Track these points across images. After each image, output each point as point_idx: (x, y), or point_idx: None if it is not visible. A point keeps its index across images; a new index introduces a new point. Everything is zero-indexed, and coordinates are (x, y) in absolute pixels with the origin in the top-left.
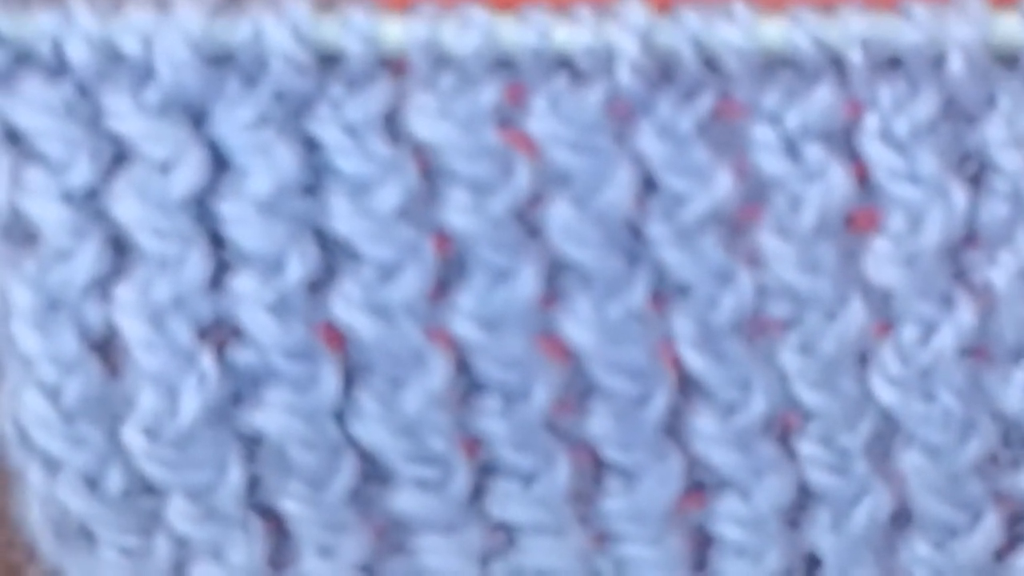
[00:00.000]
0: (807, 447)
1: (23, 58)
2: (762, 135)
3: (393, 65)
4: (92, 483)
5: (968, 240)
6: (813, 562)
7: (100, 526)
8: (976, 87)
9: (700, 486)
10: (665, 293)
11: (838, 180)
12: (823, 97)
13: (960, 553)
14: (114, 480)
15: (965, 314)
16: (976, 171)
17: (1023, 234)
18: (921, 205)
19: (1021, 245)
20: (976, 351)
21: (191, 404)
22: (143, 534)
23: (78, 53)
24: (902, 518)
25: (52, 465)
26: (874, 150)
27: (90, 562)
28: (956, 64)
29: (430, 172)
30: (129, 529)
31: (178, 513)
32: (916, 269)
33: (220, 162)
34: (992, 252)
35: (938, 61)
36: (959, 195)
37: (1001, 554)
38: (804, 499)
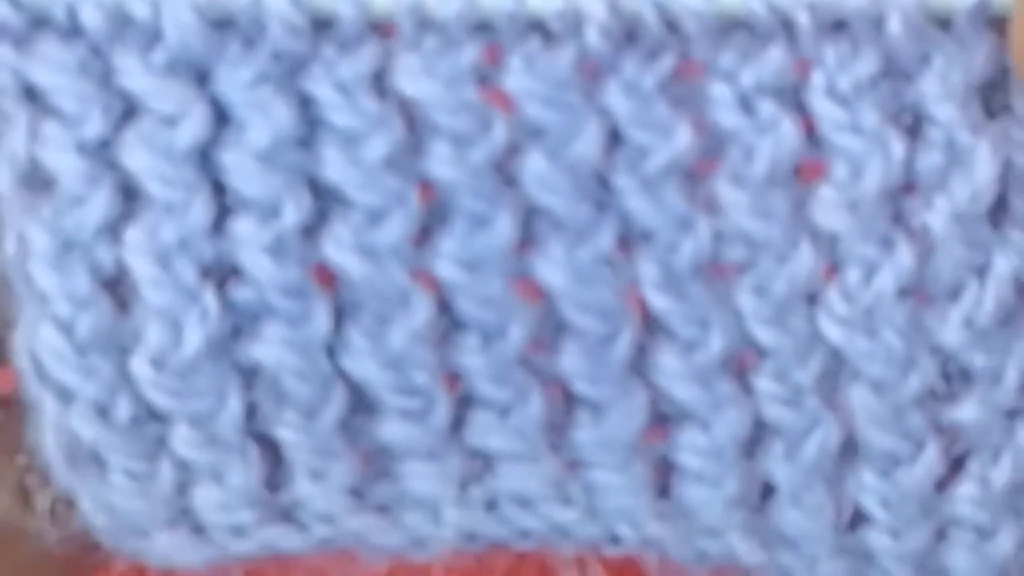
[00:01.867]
0: (762, 383)
1: (39, 21)
2: (719, 92)
3: (381, 28)
4: (102, 411)
5: (906, 187)
6: (768, 489)
7: (110, 451)
8: (913, 47)
9: (663, 419)
10: (630, 239)
11: (788, 133)
12: (774, 57)
13: (904, 481)
14: (123, 408)
15: (904, 256)
16: (913, 123)
17: (957, 180)
18: (863, 155)
19: (955, 191)
20: (915, 291)
21: (194, 337)
22: (149, 459)
23: (91, 17)
24: (850, 449)
25: (65, 395)
26: (820, 105)
27: (100, 486)
28: (895, 26)
29: (415, 126)
30: (136, 454)
31: (181, 439)
32: (859, 214)
33: (222, 117)
34: (928, 198)
35: (878, 24)
36: (898, 145)
37: (942, 484)
38: (760, 431)
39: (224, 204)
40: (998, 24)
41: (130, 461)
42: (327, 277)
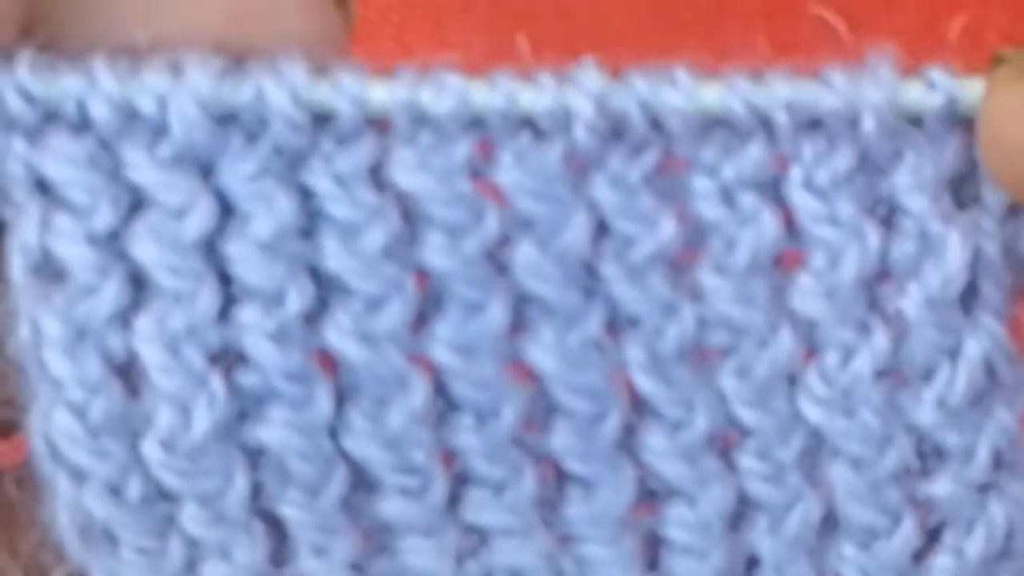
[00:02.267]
0: (746, 460)
1: (51, 116)
2: (701, 185)
3: (378, 124)
4: (115, 491)
5: (882, 275)
6: (753, 561)
7: (121, 529)
8: (886, 143)
9: (652, 495)
10: (618, 324)
11: (768, 224)
12: (754, 153)
13: (882, 554)
14: (134, 488)
15: (880, 340)
16: (887, 214)
17: (929, 268)
18: (840, 245)
19: (927, 278)
20: (891, 373)
21: (202, 421)
22: (159, 536)
23: (100, 111)
24: (830, 523)
25: (79, 475)
26: (799, 198)
27: (112, 562)
28: (869, 124)
29: (411, 217)
30: (147, 532)
31: (190, 517)
32: (836, 301)
33: (226, 209)
34: (902, 285)
35: (853, 121)
36: (873, 236)
37: (919, 556)
38: (744, 506)
39: (230, 293)
40: (966, 122)
41: (141, 538)
42: (328, 362)
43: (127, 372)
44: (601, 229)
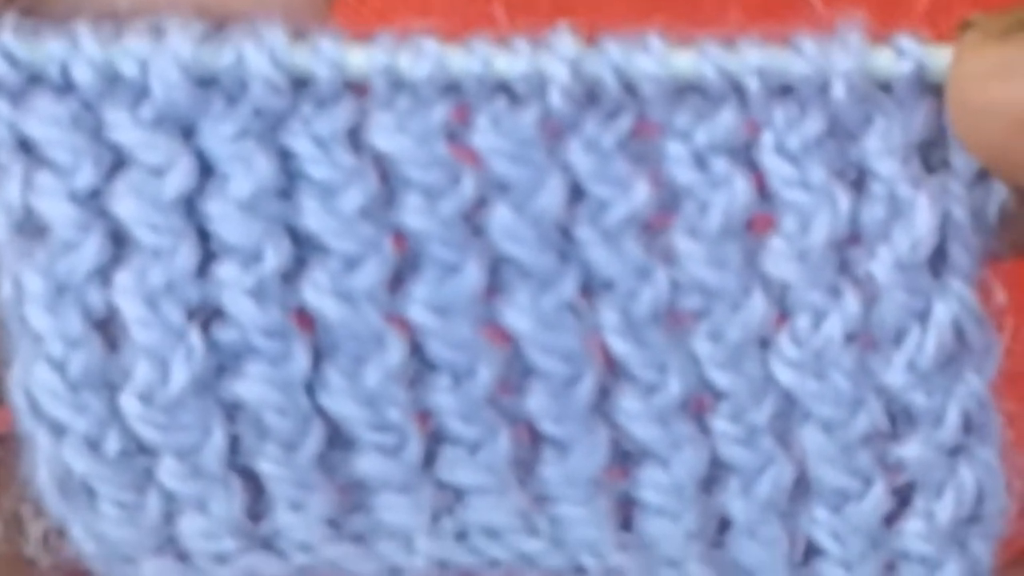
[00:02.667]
0: (719, 423)
1: (34, 78)
2: (674, 150)
3: (356, 88)
4: (93, 445)
5: (852, 238)
6: (725, 523)
7: (100, 483)
8: (856, 108)
9: (625, 457)
10: (592, 287)
11: (740, 188)
12: (726, 118)
13: (853, 517)
14: (112, 442)
15: (851, 303)
16: (857, 178)
17: (898, 231)
18: (811, 208)
19: (897, 241)
20: (861, 336)
21: (180, 375)
22: (137, 490)
23: (83, 74)
24: (802, 486)
25: (58, 430)
26: (770, 162)
27: (91, 515)
28: (839, 90)
29: (388, 179)
30: (125, 485)
31: (168, 471)
32: (807, 264)
33: (206, 168)
34: (872, 248)
35: (824, 87)
36: (843, 199)
37: (890, 519)
38: (717, 469)
39: (209, 250)
40: (934, 88)
41: (119, 492)
42: (306, 320)
43: (107, 327)
44: (576, 193)
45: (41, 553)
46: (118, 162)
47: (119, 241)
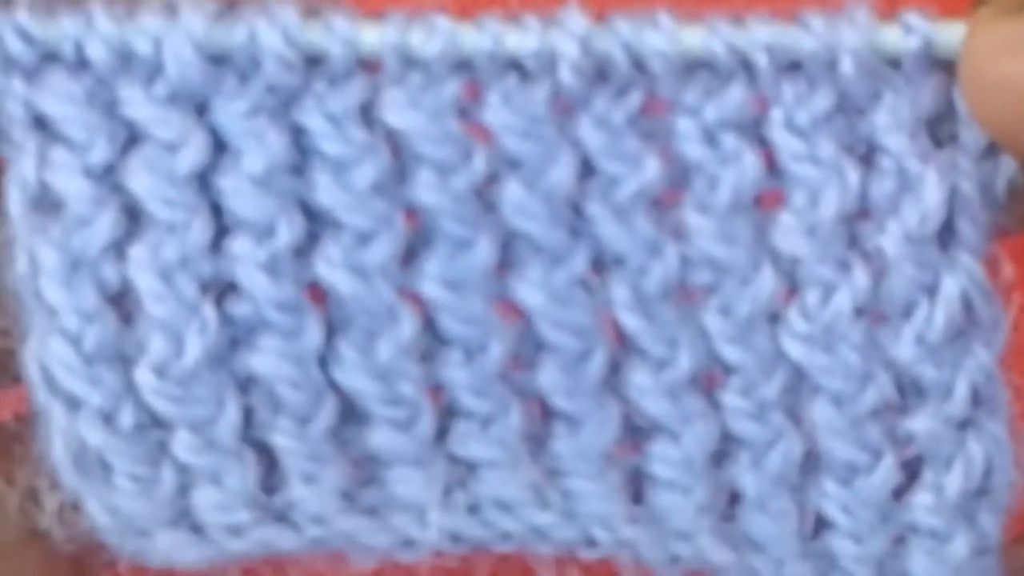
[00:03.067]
0: (729, 398)
1: (49, 56)
2: (684, 126)
3: (368, 65)
4: (108, 418)
5: (861, 213)
6: (736, 496)
7: (115, 457)
8: (864, 84)
9: (637, 431)
10: (603, 263)
11: (750, 164)
12: (735, 94)
13: (863, 490)
14: (127, 416)
15: (860, 277)
16: (866, 153)
17: (907, 205)
18: (820, 183)
19: (906, 215)
20: (871, 310)
21: (194, 348)
22: (152, 463)
23: (97, 52)
24: (812, 459)
25: (73, 403)
26: (780, 138)
27: (105, 489)
28: (847, 66)
29: (400, 155)
30: (140, 459)
31: (182, 444)
32: (817, 239)
33: (220, 145)
34: (881, 222)
35: (832, 63)
36: (852, 174)
37: (899, 492)
38: (727, 443)
39: (222, 225)
40: (942, 64)
41: (134, 465)
42: (319, 294)
43: (121, 301)
44: (587, 169)
45: (56, 526)
46: (132, 138)
47: (133, 216)
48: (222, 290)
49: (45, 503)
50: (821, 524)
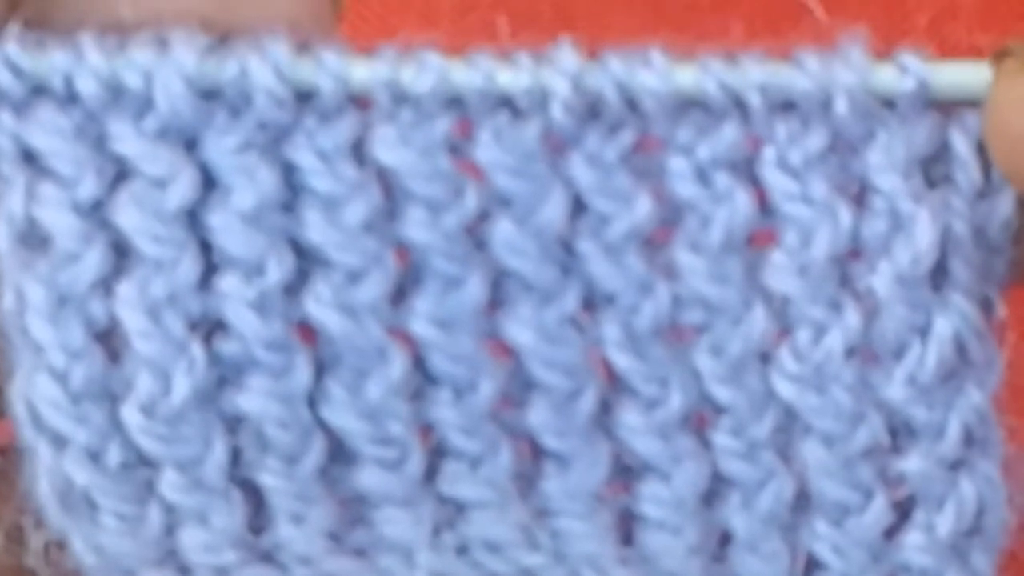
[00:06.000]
0: (720, 438)
1: (38, 89)
2: (676, 165)
3: (359, 101)
4: (94, 457)
5: (853, 253)
6: (726, 537)
7: (101, 495)
8: (858, 124)
9: (627, 471)
10: (594, 301)
11: (742, 203)
12: (728, 133)
13: (855, 530)
14: (114, 454)
15: (852, 317)
16: (859, 193)
17: (899, 245)
18: (812, 223)
19: (897, 255)
20: (862, 350)
21: (182, 387)
22: (138, 502)
23: (87, 86)
24: (803, 500)
25: (59, 441)
26: (772, 177)
27: (91, 528)
28: (841, 106)
29: (391, 193)
30: (126, 498)
31: (169, 484)
32: (808, 279)
33: (209, 181)
34: (873, 262)
35: (826, 103)
36: (845, 214)
37: (891, 532)
38: (718, 483)
39: (211, 262)
40: (937, 104)
41: (120, 504)
42: (308, 333)
43: (108, 339)
44: (578, 207)
45: (42, 565)
46: (121, 174)
47: (121, 252)
48: (210, 328)
49: (30, 541)
50: (812, 565)
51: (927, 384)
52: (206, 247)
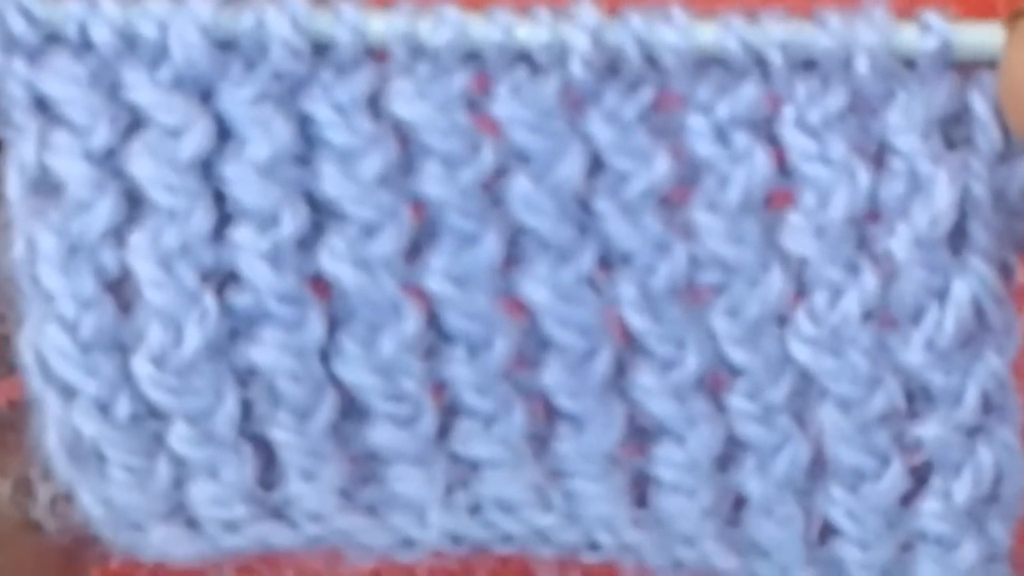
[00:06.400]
0: (735, 401)
1: (52, 37)
2: (695, 123)
3: (376, 54)
4: (104, 408)
5: (871, 214)
6: (741, 501)
7: (110, 448)
8: (878, 84)
9: (641, 433)
10: (611, 261)
11: (760, 162)
12: (748, 91)
13: (870, 496)
14: (123, 406)
15: (869, 280)
16: (877, 153)
17: (917, 207)
18: (830, 183)
19: (916, 217)
20: (880, 313)
21: (194, 338)
22: (147, 455)
23: (101, 35)
24: (819, 464)
25: (68, 392)
26: (791, 136)
27: (99, 480)
28: (862, 65)
29: (408, 147)
30: (135, 450)
31: (179, 436)
32: (826, 240)
33: (224, 131)
34: (891, 224)
35: (847, 62)
36: (863, 175)
37: (907, 498)
38: (733, 447)
39: (225, 213)
40: (958, 65)
41: (129, 457)
42: (322, 287)
43: (120, 288)
44: (596, 164)
45: (48, 518)
46: (135, 123)
47: (134, 202)
48: (223, 280)
49: (38, 494)
50: (828, 530)
51: (945, 349)
52: (220, 198)
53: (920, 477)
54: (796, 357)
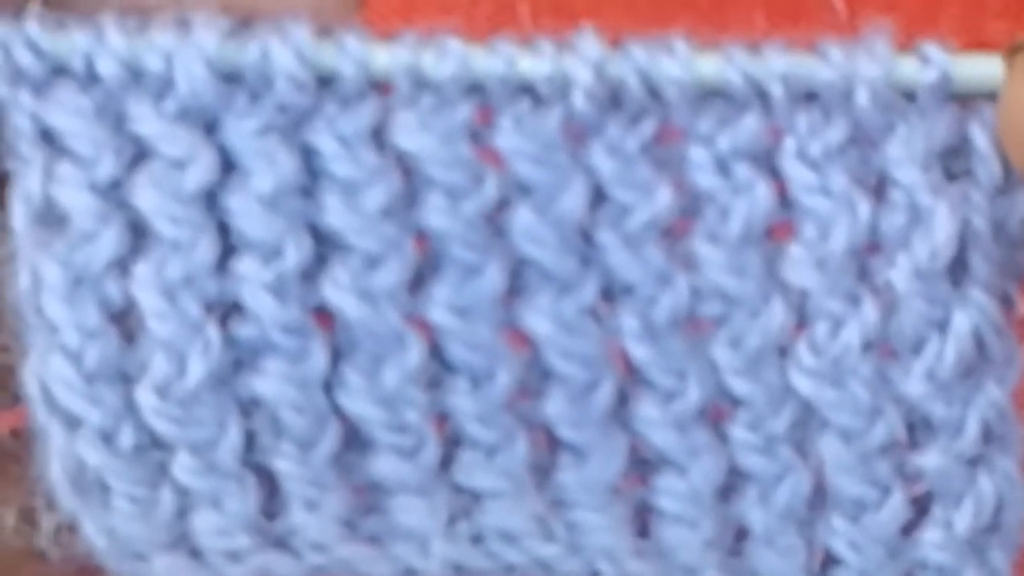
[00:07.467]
0: (737, 432)
1: (58, 70)
2: (697, 155)
3: (380, 86)
4: (107, 439)
5: (871, 246)
6: (743, 531)
7: (113, 477)
8: (879, 116)
9: (643, 464)
10: (613, 292)
11: (761, 194)
12: (750, 124)
13: (872, 527)
14: (127, 436)
15: (870, 311)
16: (878, 186)
17: (918, 239)
18: (831, 215)
19: (916, 249)
20: (880, 344)
21: (197, 368)
22: (151, 485)
23: (107, 67)
24: (820, 495)
25: (72, 422)
26: (792, 168)
27: (103, 510)
28: (863, 97)
29: (411, 179)
30: (139, 480)
31: (182, 466)
32: (826, 272)
33: (228, 163)
34: (892, 256)
35: (848, 94)
36: (864, 207)
37: (908, 529)
38: (734, 477)
39: (229, 244)
40: (958, 97)
41: (133, 487)
42: (326, 318)
43: (124, 319)
44: (598, 196)
45: (52, 547)
46: (140, 154)
47: (138, 233)
48: (227, 311)
49: (42, 523)
50: (829, 560)
51: (945, 379)
52: (224, 230)
53: (921, 507)
54: (797, 388)
